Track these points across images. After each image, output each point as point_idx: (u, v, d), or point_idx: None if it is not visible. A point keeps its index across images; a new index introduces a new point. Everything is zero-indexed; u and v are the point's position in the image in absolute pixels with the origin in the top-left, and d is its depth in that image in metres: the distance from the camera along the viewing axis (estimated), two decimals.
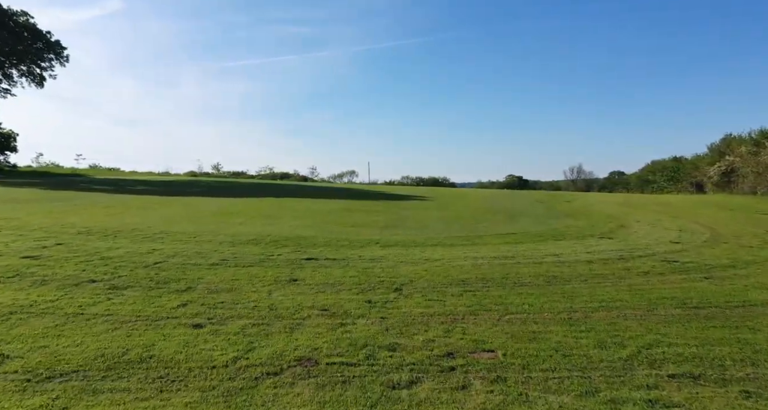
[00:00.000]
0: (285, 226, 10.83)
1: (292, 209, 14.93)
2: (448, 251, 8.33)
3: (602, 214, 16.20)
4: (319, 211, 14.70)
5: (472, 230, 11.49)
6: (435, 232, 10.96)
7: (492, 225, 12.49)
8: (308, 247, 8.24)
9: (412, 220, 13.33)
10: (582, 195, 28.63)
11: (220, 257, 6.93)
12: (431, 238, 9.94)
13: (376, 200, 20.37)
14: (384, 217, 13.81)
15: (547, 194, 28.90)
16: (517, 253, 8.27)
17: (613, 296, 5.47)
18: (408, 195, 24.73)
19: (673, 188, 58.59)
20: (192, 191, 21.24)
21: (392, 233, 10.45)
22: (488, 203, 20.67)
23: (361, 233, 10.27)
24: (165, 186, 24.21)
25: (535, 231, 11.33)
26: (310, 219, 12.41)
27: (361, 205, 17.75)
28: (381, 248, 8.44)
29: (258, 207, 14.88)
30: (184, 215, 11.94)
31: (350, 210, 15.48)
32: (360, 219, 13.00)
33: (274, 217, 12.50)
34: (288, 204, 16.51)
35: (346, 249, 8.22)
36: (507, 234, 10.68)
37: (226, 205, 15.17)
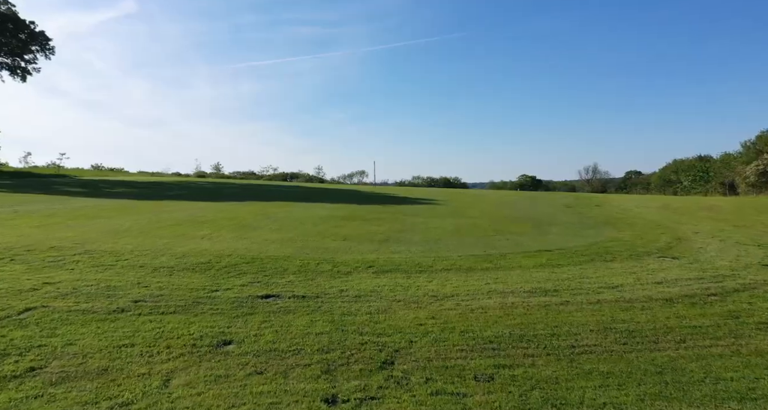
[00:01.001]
0: (258, 241, 8.84)
1: (276, 217, 12.95)
2: (465, 281, 6.24)
3: (646, 222, 13.94)
4: (310, 219, 12.70)
5: (493, 245, 9.37)
6: (447, 248, 8.87)
7: (518, 238, 10.35)
8: (274, 274, 6.22)
9: (419, 230, 11.25)
10: (610, 198, 26.24)
11: (135, 297, 4.93)
12: (442, 257, 7.85)
13: (381, 205, 18.31)
14: (386, 226, 11.76)
15: (572, 197, 26.55)
16: (559, 284, 6.15)
17: (751, 385, 3.33)
18: (417, 198, 22.63)
19: (701, 189, 55.70)
20: (173, 195, 19.42)
21: (393, 250, 8.39)
22: (508, 208, 18.49)
23: (353, 251, 8.23)
24: (148, 188, 22.46)
25: (573, 247, 9.16)
26: (294, 231, 10.41)
27: (363, 210, 15.72)
28: (373, 276, 6.38)
29: (236, 215, 12.93)
30: (139, 226, 10.02)
31: (348, 218, 13.45)
32: (356, 230, 10.96)
33: (251, 228, 10.52)
34: (274, 210, 14.55)
35: (325, 278, 6.18)
36: (539, 252, 8.54)
37: (199, 211, 13.26)
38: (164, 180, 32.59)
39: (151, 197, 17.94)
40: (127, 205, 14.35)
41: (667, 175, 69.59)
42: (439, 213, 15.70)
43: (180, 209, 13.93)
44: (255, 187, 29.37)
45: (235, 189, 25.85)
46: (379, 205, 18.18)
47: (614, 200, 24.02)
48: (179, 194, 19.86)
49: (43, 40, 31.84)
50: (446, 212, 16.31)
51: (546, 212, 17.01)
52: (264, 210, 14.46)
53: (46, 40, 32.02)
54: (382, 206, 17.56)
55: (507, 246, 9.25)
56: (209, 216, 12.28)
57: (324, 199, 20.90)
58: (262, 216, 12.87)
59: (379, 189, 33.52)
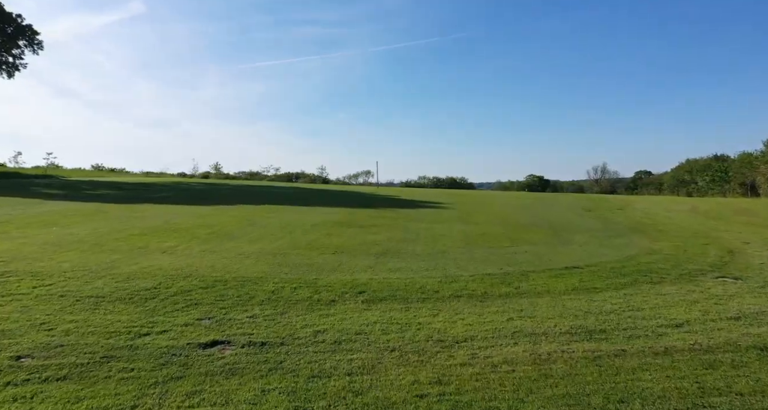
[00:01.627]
0: (231, 255, 7.50)
1: (263, 223, 11.62)
2: (481, 315, 4.87)
3: (680, 229, 12.47)
4: (300, 226, 11.36)
5: (510, 259, 7.98)
6: (455, 263, 7.49)
7: (537, 250, 8.95)
8: (235, 306, 4.87)
9: (423, 240, 9.88)
10: (631, 200, 24.67)
11: (22, 349, 3.58)
12: (450, 277, 6.48)
13: (382, 209, 16.94)
14: (386, 235, 10.40)
15: (590, 199, 25.00)
16: (604, 319, 4.76)
17: None
18: (421, 201, 21.24)
19: (719, 189, 53.76)
20: (157, 197, 18.15)
21: (391, 267, 7.03)
22: (521, 212, 17.05)
23: (344, 268, 6.88)
24: (133, 190, 21.24)
25: (607, 263, 7.75)
26: (278, 241, 9.07)
27: (362, 215, 14.37)
28: (363, 307, 5.02)
29: (217, 221, 11.61)
30: (96, 236, 8.72)
31: (343, 224, 12.10)
32: (351, 239, 9.61)
33: (228, 237, 9.20)
34: (263, 215, 13.22)
35: (300, 310, 4.83)
36: (567, 270, 7.14)
37: (176, 217, 11.95)
38: (157, 181, 31.42)
39: (131, 199, 16.69)
40: (98, 209, 13.08)
41: (681, 175, 67.63)
42: (446, 218, 14.30)
43: (156, 214, 12.63)
44: (251, 188, 28.11)
45: (229, 191, 24.58)
46: (379, 209, 16.81)
47: (636, 202, 22.47)
48: (164, 197, 18.61)
49: (30, 34, 30.77)
50: (453, 216, 14.91)
51: (564, 216, 15.56)
52: (251, 215, 13.13)
53: (33, 33, 30.95)
54: (383, 210, 16.19)
55: (526, 261, 7.86)
56: (185, 223, 10.96)
57: (322, 201, 19.57)
58: (246, 222, 11.53)
59: (382, 190, 32.17)
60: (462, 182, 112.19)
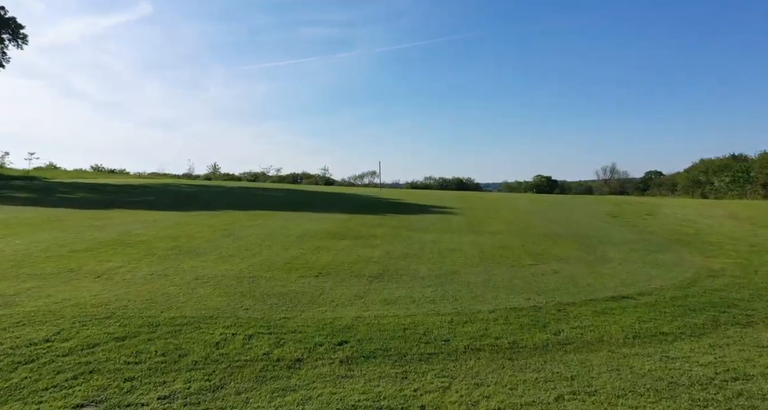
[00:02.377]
0: (183, 281, 5.99)
1: (242, 234, 10.11)
2: (513, 387, 3.30)
3: (733, 240, 10.78)
4: (284, 237, 9.84)
5: (537, 283, 6.41)
6: (470, 291, 5.93)
7: (568, 269, 7.36)
8: (150, 374, 3.34)
9: (428, 256, 8.32)
10: (657, 203, 22.87)
11: None
12: (463, 315, 4.92)
13: (383, 214, 15.39)
14: (384, 248, 8.87)
15: (612, 203, 23.23)
16: (702, 394, 3.17)
17: None
18: (427, 205, 19.65)
19: (739, 191, 51.74)
20: (134, 201, 16.72)
21: (386, 297, 5.48)
22: (539, 218, 15.42)
23: (324, 300, 5.35)
24: (113, 193, 19.83)
25: (664, 290, 6.15)
26: (251, 258, 7.55)
27: (359, 223, 12.83)
28: (338, 375, 3.47)
29: (187, 231, 10.11)
30: (23, 253, 7.23)
31: (336, 234, 10.57)
32: (342, 255, 8.08)
33: (191, 254, 7.68)
34: (245, 224, 11.71)
35: (243, 382, 3.28)
36: (616, 301, 5.55)
37: (141, 227, 10.46)
38: (148, 182, 30.09)
39: (105, 204, 15.27)
40: (54, 217, 11.63)
41: (695, 175, 65.52)
42: (455, 226, 12.71)
43: (121, 222, 11.16)
44: (244, 191, 26.68)
45: (219, 193, 23.14)
46: (380, 214, 15.25)
47: (664, 206, 20.70)
48: (144, 201, 17.19)
49: (15, 26, 29.59)
50: (463, 224, 13.32)
51: (589, 224, 13.92)
52: (231, 223, 11.63)
53: (18, 27, 29.77)
54: (384, 217, 14.64)
55: (559, 286, 6.27)
56: (148, 234, 9.47)
57: (318, 206, 18.07)
58: (221, 233, 10.03)
59: (385, 193, 30.59)
60: (468, 183, 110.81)
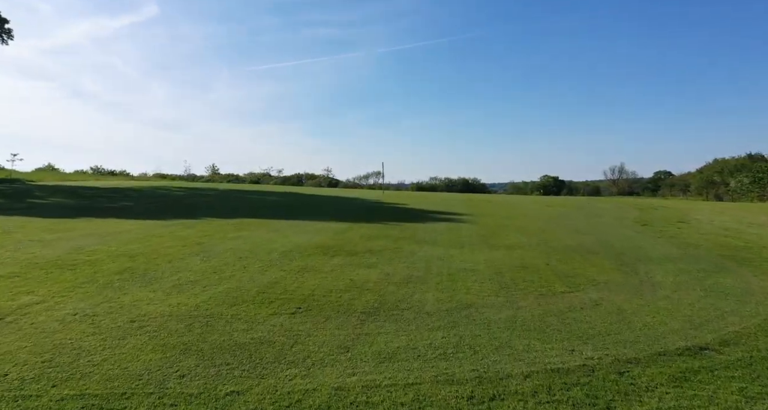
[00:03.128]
0: (118, 321, 4.63)
1: (216, 250, 8.75)
2: None
3: None
4: (266, 254, 8.48)
5: (580, 324, 4.99)
6: (491, 337, 4.53)
7: (614, 300, 5.93)
8: None
9: (436, 279, 6.92)
10: (686, 208, 21.26)
11: None
12: (489, 380, 3.53)
13: (384, 223, 13.99)
14: (384, 269, 7.49)
15: (636, 207, 21.63)
16: None
17: None
18: (433, 211, 18.23)
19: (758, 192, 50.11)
20: (109, 208, 15.41)
21: (381, 349, 4.12)
22: (561, 226, 13.92)
23: (297, 352, 3.99)
24: (90, 198, 18.56)
25: (752, 336, 4.72)
26: (217, 286, 6.19)
27: (356, 234, 11.45)
28: None
29: (151, 247, 8.76)
30: None
31: (328, 250, 9.20)
32: (331, 279, 6.70)
33: (143, 280, 6.32)
34: (223, 236, 10.35)
35: None
36: (695, 358, 4.14)
37: (96, 242, 9.13)
38: (136, 185, 28.88)
39: (73, 211, 14.00)
40: (4, 227, 10.32)
41: (710, 176, 63.57)
42: (465, 238, 11.28)
43: (79, 234, 9.84)
44: (237, 195, 25.38)
45: (209, 198, 21.82)
46: (381, 223, 13.85)
47: (695, 211, 19.10)
48: (120, 208, 15.91)
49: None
50: (474, 235, 11.89)
51: (618, 234, 12.43)
52: (207, 235, 10.27)
53: (2, 21, 28.71)
54: (385, 226, 13.24)
55: (608, 327, 4.85)
56: (101, 251, 8.13)
57: (313, 212, 16.71)
58: (193, 249, 8.68)
59: (388, 196, 29.15)
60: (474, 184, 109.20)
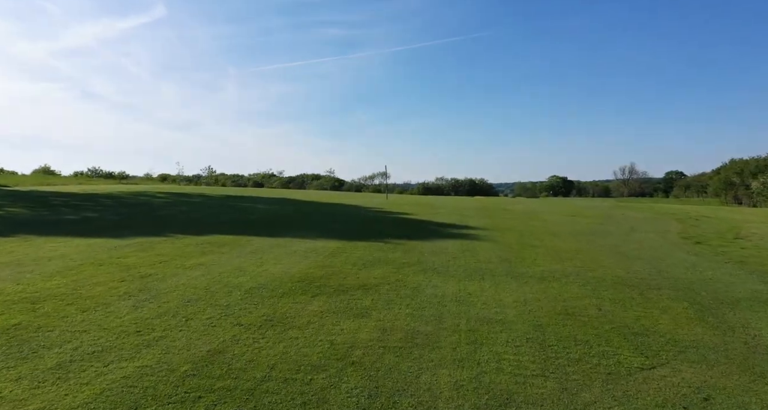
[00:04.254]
0: None
1: (161, 288, 6.87)
2: None
3: None
4: (227, 294, 6.60)
5: None
6: None
7: (719, 383, 3.97)
8: None
9: (450, 337, 5.01)
10: (730, 216, 19.08)
11: None
12: None
13: (387, 241, 12.07)
14: (379, 318, 5.62)
15: (674, 217, 19.46)
16: None
17: None
18: (444, 224, 16.25)
19: None
20: (62, 221, 13.59)
21: None
22: (597, 245, 11.83)
23: None
24: (50, 208, 16.78)
25: None
26: (134, 359, 4.31)
27: (350, 257, 9.58)
28: None
29: (78, 281, 6.89)
30: None
31: (310, 285, 7.32)
32: (300, 343, 4.83)
33: (22, 356, 4.45)
34: (182, 265, 8.46)
35: None
36: None
37: (14, 272, 7.27)
38: (116, 190, 27.20)
39: (16, 226, 12.22)
40: None
41: (728, 176, 61.10)
42: (485, 263, 9.32)
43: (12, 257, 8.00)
44: (225, 202, 23.57)
45: (192, 205, 20.00)
46: (382, 241, 11.92)
47: (748, 222, 16.89)
48: (78, 220, 14.11)
49: None
50: (495, 258, 9.92)
51: (674, 258, 10.37)
52: (165, 262, 8.40)
53: None
54: (386, 244, 11.31)
55: None
56: (6, 292, 6.27)
57: (306, 225, 14.86)
58: (131, 285, 6.81)
59: (393, 203, 27.20)
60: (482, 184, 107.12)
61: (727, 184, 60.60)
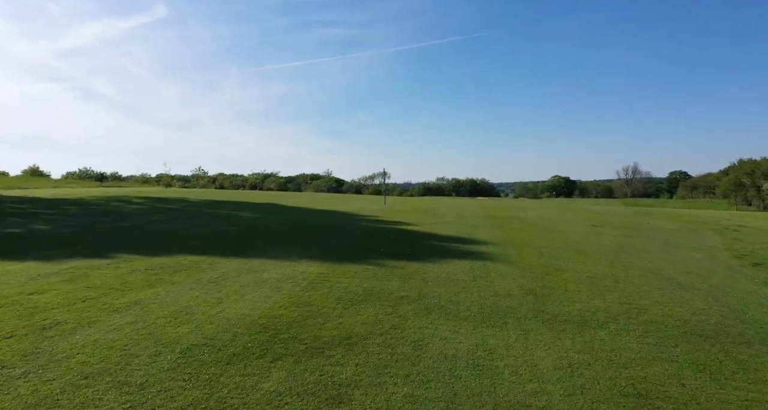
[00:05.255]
0: None
1: (58, 350, 5.05)
2: None
3: None
4: (148, 358, 4.77)
5: None
6: None
7: None
8: None
9: None
10: (764, 225, 17.23)
11: None
12: None
13: (381, 264, 10.24)
14: (366, 401, 3.75)
15: (699, 222, 17.61)
16: None
17: None
18: (451, 239, 14.40)
19: None
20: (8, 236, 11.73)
21: None
22: (635, 267, 9.95)
23: None
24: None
25: None
26: None
27: (335, 290, 7.78)
28: None
29: None
30: None
31: (273, 339, 5.51)
32: None
33: None
34: (108, 306, 6.61)
35: None
36: None
37: None
38: (87, 195, 25.38)
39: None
40: None
41: (738, 177, 59.45)
42: (504, 298, 7.47)
43: None
44: (202, 210, 21.75)
45: (158, 216, 18.13)
46: (375, 263, 10.09)
47: None
48: (17, 237, 12.28)
49: None
50: (517, 289, 8.07)
51: (743, 290, 8.50)
52: (88, 299, 6.55)
53: None
54: (380, 269, 9.47)
55: None
56: None
57: (287, 240, 13.04)
58: (19, 345, 4.98)
59: (392, 207, 25.37)
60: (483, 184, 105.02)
61: (737, 185, 59.00)
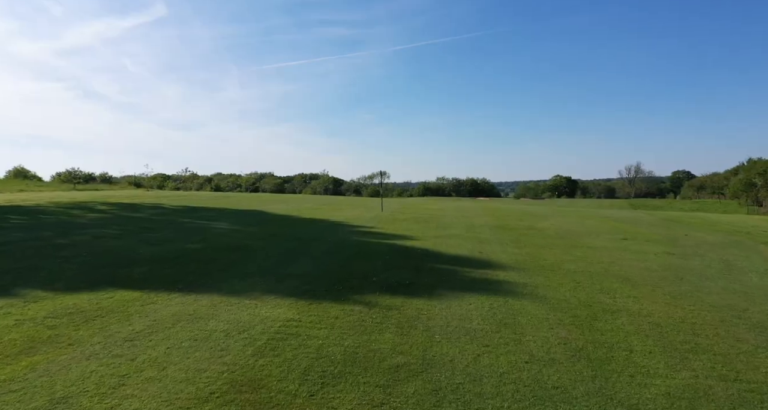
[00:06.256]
0: None
1: None
2: None
3: None
4: None
5: None
6: None
7: None
8: None
9: None
10: None
11: None
12: None
13: (373, 302, 7.99)
14: None
15: (741, 232, 15.29)
16: None
17: None
18: (460, 260, 12.05)
19: None
20: None
21: None
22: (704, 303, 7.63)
23: None
24: None
25: None
26: None
27: (301, 349, 5.60)
28: None
29: None
30: None
31: None
32: None
33: None
34: None
35: None
36: None
37: None
38: (55, 201, 23.11)
39: None
40: None
41: (750, 177, 57.61)
42: (544, 364, 5.21)
43: None
44: (174, 218, 19.46)
45: (118, 226, 15.82)
46: (362, 299, 7.83)
47: None
48: None
49: None
50: (556, 342, 5.80)
51: None
52: None
53: None
54: (369, 310, 7.21)
55: None
56: None
57: (261, 265, 10.80)
58: None
59: (389, 214, 23.09)
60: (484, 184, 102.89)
61: (748, 185, 57.31)
